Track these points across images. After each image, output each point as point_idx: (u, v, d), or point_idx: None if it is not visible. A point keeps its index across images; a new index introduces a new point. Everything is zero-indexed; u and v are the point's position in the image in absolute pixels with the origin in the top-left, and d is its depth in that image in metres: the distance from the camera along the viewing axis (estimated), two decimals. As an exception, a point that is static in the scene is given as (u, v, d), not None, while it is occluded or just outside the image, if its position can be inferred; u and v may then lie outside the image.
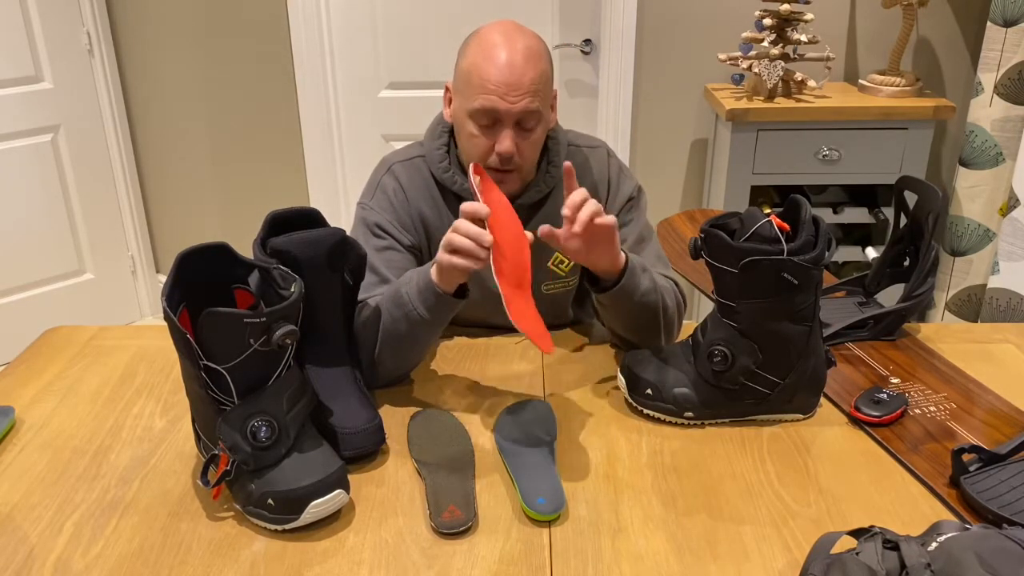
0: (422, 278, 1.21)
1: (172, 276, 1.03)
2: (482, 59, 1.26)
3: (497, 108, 1.25)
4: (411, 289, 1.22)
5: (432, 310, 1.21)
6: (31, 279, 2.94)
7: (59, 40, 2.79)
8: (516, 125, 1.28)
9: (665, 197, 2.85)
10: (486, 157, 1.31)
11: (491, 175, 1.31)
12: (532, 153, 1.33)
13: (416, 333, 1.24)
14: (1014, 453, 1.07)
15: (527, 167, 1.35)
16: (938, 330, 1.47)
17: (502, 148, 1.28)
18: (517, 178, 1.34)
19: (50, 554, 0.97)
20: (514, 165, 1.31)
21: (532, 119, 1.28)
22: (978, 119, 2.38)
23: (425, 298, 1.21)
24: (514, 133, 1.28)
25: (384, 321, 1.24)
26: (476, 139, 1.30)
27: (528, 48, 1.26)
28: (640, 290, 1.26)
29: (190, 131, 3.02)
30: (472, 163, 1.28)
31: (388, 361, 1.27)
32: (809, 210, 1.12)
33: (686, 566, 0.94)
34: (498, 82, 1.24)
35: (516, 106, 1.25)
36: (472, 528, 1.00)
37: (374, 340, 1.25)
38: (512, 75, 1.24)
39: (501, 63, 1.24)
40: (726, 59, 2.43)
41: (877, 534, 0.83)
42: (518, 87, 1.24)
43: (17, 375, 1.37)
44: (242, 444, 0.99)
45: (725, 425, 1.21)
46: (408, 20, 2.75)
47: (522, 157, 1.31)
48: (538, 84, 1.26)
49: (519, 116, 1.27)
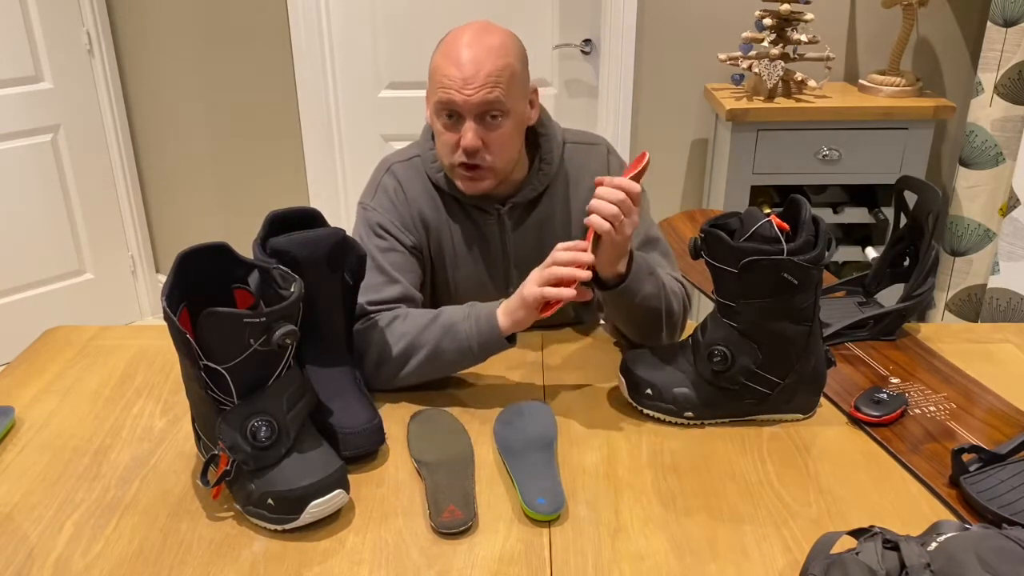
0: (483, 318, 1.23)
1: (172, 276, 1.03)
2: (442, 56, 1.28)
3: (454, 100, 1.26)
4: (470, 326, 1.23)
5: (487, 350, 1.24)
6: (31, 279, 2.94)
7: (59, 40, 2.79)
8: (479, 119, 1.27)
9: (665, 197, 2.85)
10: (453, 153, 1.31)
11: (462, 172, 1.31)
12: (503, 149, 1.31)
13: (461, 365, 1.27)
14: (1014, 453, 1.07)
15: (501, 164, 1.32)
16: (938, 330, 1.47)
17: (464, 141, 1.27)
18: (491, 175, 1.33)
19: (50, 554, 0.97)
20: (482, 161, 1.30)
21: (495, 110, 1.27)
22: (978, 119, 2.38)
23: (484, 339, 1.23)
24: (478, 127, 1.28)
25: (432, 349, 1.24)
26: (443, 135, 1.31)
27: (490, 44, 1.27)
28: (642, 293, 1.26)
29: (190, 131, 3.02)
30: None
31: (413, 379, 1.28)
32: (809, 210, 1.12)
33: (686, 566, 0.94)
34: (454, 76, 1.25)
35: (473, 98, 1.25)
36: (472, 528, 1.00)
37: (403, 356, 1.25)
38: (468, 68, 1.25)
39: (458, 57, 1.25)
40: (726, 59, 2.43)
41: (877, 534, 0.83)
42: (474, 79, 1.25)
43: (17, 375, 1.37)
44: (242, 444, 0.99)
45: (725, 425, 1.21)
46: (408, 20, 2.75)
47: (491, 153, 1.30)
48: (499, 77, 1.26)
49: (478, 108, 1.26)
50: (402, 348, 1.25)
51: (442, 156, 1.34)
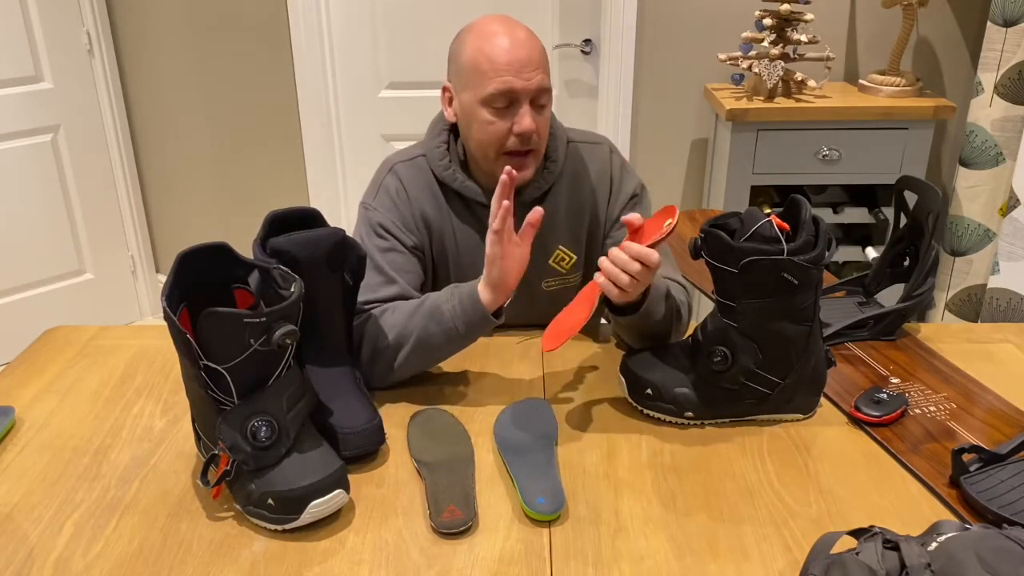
0: (466, 296, 1.22)
1: (172, 276, 1.03)
2: (487, 45, 1.27)
3: (514, 87, 1.26)
4: (454, 306, 1.23)
5: (474, 328, 1.23)
6: (31, 279, 2.94)
7: (59, 40, 2.79)
8: (532, 103, 1.29)
9: (665, 197, 2.85)
10: (504, 141, 1.31)
11: (510, 161, 1.30)
12: (547, 132, 1.35)
13: (451, 348, 1.26)
14: (1014, 453, 1.07)
15: (542, 149, 1.35)
16: (938, 330, 1.47)
17: (524, 126, 1.28)
18: (535, 160, 1.35)
19: (50, 554, 0.97)
20: (533, 145, 1.32)
21: (545, 95, 1.30)
22: (978, 119, 2.38)
23: (469, 317, 1.22)
24: (532, 111, 1.29)
25: (418, 335, 1.24)
26: (492, 125, 1.29)
27: (527, 31, 1.30)
28: (655, 318, 1.25)
29: (190, 131, 3.02)
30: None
31: (409, 369, 1.27)
32: (809, 210, 1.12)
33: (686, 566, 0.94)
34: (510, 61, 1.25)
35: (531, 82, 1.27)
36: (472, 528, 1.00)
37: (394, 347, 1.25)
38: (522, 52, 1.26)
39: (507, 44, 1.26)
40: (726, 59, 2.43)
41: (877, 534, 0.83)
42: (529, 63, 1.26)
43: (17, 375, 1.37)
44: (242, 444, 0.99)
45: (725, 425, 1.21)
46: (408, 20, 2.75)
47: (539, 136, 1.32)
48: (543, 61, 1.29)
49: (535, 93, 1.28)
50: (393, 339, 1.25)
51: (488, 147, 1.32)
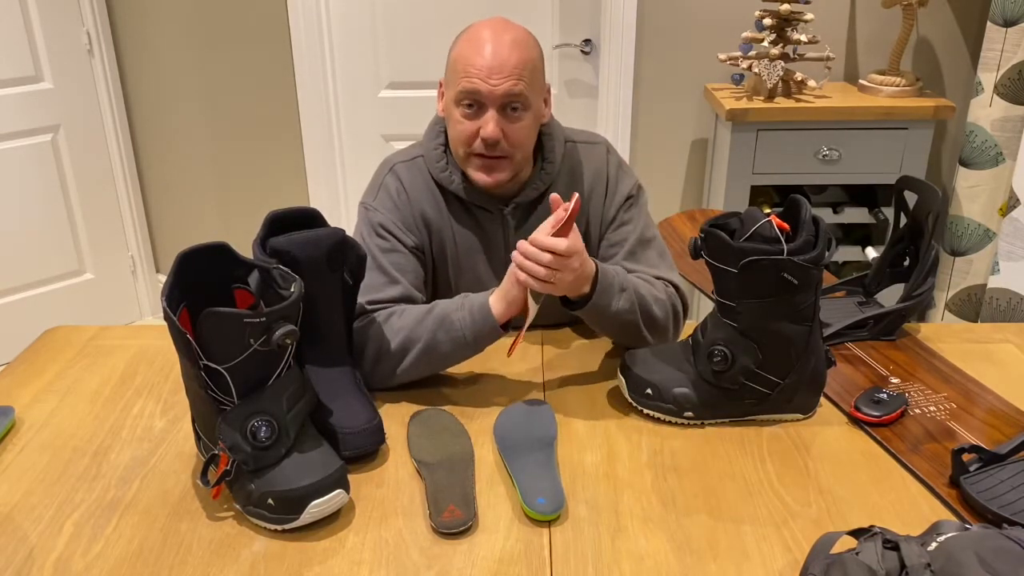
0: (477, 308, 1.23)
1: (172, 276, 1.03)
2: (468, 47, 1.29)
3: (479, 90, 1.27)
4: (463, 316, 1.24)
5: (482, 339, 1.24)
6: (31, 279, 2.94)
7: (59, 40, 2.79)
8: (500, 110, 1.29)
9: (665, 197, 2.85)
10: (472, 142, 1.31)
11: (478, 162, 1.32)
12: (522, 141, 1.33)
13: (458, 357, 1.27)
14: (1014, 453, 1.07)
15: (519, 157, 1.34)
16: (938, 330, 1.47)
17: (486, 132, 1.28)
18: (508, 166, 1.34)
19: (50, 554, 0.97)
20: (502, 151, 1.31)
21: (517, 102, 1.29)
22: (978, 119, 2.38)
23: (478, 328, 1.23)
24: (499, 118, 1.29)
25: (427, 341, 1.25)
26: (461, 125, 1.31)
27: (514, 38, 1.29)
28: (612, 309, 1.26)
29: (190, 131, 3.02)
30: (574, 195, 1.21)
31: (412, 374, 1.28)
32: (809, 210, 1.12)
33: (686, 566, 0.94)
34: (480, 66, 1.26)
35: (498, 88, 1.27)
36: (472, 528, 1.00)
37: (400, 351, 1.26)
38: (494, 59, 1.26)
39: (484, 48, 1.27)
40: (726, 59, 2.43)
41: (877, 534, 0.83)
42: (500, 70, 1.26)
43: (17, 375, 1.37)
44: (242, 444, 0.99)
45: (725, 425, 1.21)
46: (408, 20, 2.75)
47: (511, 144, 1.31)
48: (522, 69, 1.28)
49: (502, 100, 1.28)
50: (399, 343, 1.25)
51: (457, 146, 1.34)
